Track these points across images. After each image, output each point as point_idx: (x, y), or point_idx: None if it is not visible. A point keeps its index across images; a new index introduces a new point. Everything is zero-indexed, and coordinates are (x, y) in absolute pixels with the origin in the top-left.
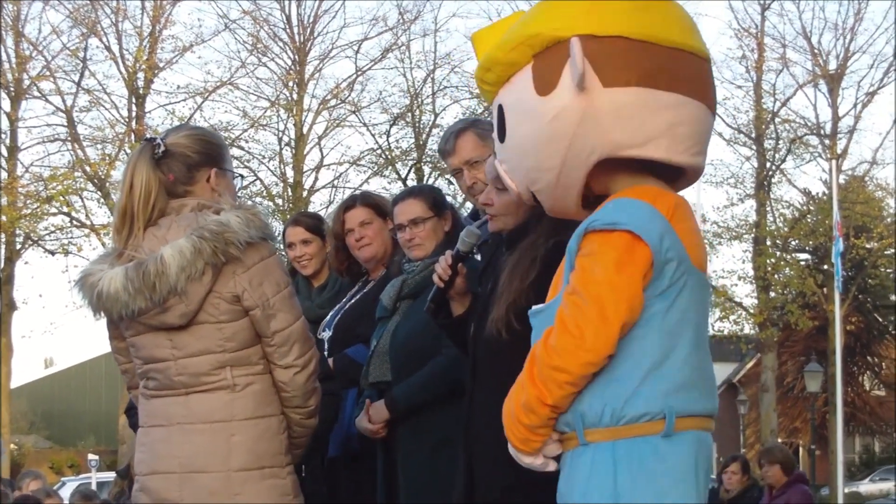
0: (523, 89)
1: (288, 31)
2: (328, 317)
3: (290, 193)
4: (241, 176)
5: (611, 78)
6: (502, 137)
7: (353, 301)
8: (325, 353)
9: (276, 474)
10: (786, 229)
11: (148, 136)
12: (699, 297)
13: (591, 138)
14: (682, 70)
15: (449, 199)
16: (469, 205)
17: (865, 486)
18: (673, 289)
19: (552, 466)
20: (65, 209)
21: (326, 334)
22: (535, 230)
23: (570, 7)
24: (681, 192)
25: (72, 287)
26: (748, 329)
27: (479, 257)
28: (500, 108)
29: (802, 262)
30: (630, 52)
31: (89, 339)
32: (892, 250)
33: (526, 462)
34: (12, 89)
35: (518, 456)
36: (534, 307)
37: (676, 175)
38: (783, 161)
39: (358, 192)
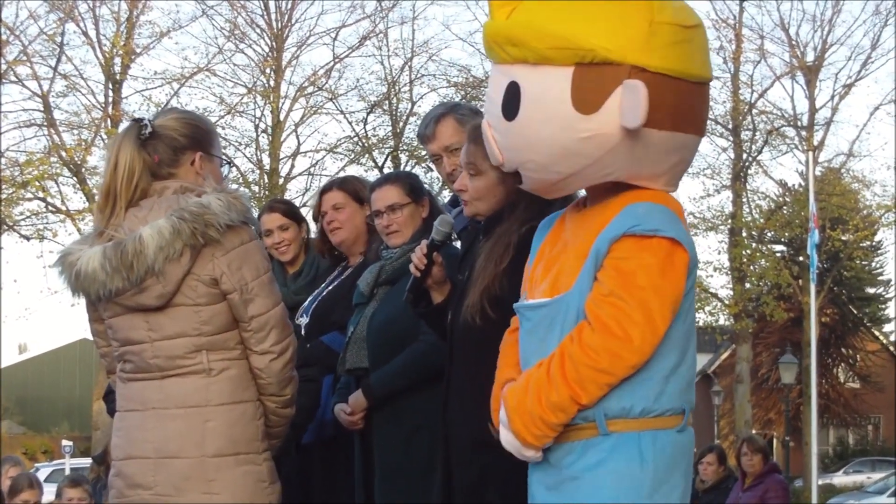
0: (556, 92)
1: (265, 17)
2: (306, 303)
3: (266, 180)
4: (230, 163)
5: (651, 118)
6: (510, 116)
7: (330, 287)
8: (302, 339)
9: (252, 460)
10: (762, 221)
11: (137, 116)
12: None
13: (612, 165)
14: (699, 106)
15: (426, 186)
16: (447, 193)
17: (839, 478)
18: (691, 293)
19: (539, 456)
20: (40, 194)
21: (304, 320)
22: (510, 216)
23: (628, 28)
24: None
25: (52, 267)
26: (723, 320)
27: (458, 244)
28: (516, 86)
29: (778, 254)
30: (669, 92)
31: (64, 325)
32: (868, 242)
33: (528, 455)
34: None
35: (521, 449)
36: (532, 301)
37: None
38: (760, 152)
39: (345, 175)
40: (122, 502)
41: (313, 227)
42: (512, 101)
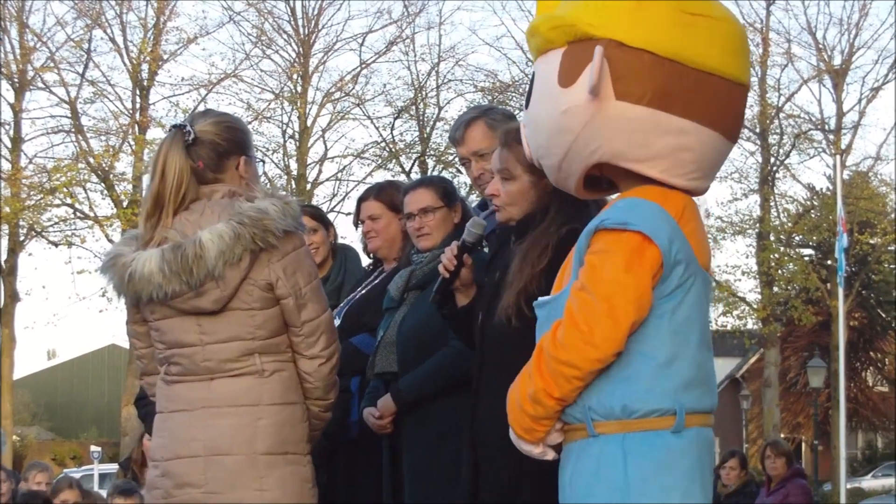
0: (551, 71)
1: (292, 23)
2: (340, 305)
3: (293, 186)
4: (263, 161)
5: (625, 91)
6: (528, 104)
7: (363, 291)
8: None
9: (299, 461)
10: (790, 224)
11: (173, 122)
12: (704, 297)
13: (594, 141)
14: (705, 96)
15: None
16: (474, 197)
17: (868, 482)
18: (680, 290)
19: (550, 455)
20: (68, 201)
21: (335, 322)
22: (546, 219)
23: (614, 6)
24: None
25: (99, 269)
26: (751, 324)
27: (486, 248)
28: (534, 75)
29: (806, 258)
30: (652, 70)
31: (92, 330)
32: None
33: (525, 449)
34: (16, 80)
35: (518, 443)
36: (539, 298)
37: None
38: (787, 156)
39: (383, 182)
40: (171, 502)
41: (353, 230)
42: (530, 90)
